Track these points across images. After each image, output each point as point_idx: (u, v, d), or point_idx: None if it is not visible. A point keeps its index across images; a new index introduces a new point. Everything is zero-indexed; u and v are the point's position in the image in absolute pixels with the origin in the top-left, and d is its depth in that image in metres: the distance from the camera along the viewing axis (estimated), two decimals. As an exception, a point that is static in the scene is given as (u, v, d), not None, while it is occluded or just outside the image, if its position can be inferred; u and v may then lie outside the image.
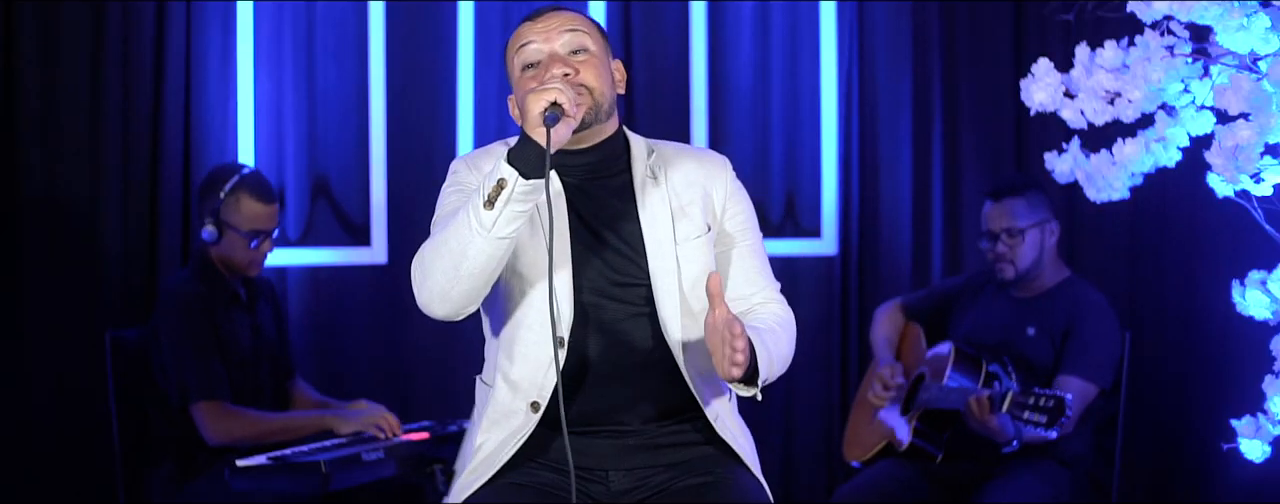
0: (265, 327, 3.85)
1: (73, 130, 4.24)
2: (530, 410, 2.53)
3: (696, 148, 2.75)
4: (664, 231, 2.56)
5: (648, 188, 2.58)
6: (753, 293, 2.64)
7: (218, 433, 3.60)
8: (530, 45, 2.54)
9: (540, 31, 2.54)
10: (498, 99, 4.60)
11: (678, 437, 2.59)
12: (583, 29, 2.55)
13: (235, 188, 3.73)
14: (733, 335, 2.33)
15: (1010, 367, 3.78)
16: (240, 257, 3.74)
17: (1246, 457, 2.98)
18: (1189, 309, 4.54)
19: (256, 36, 4.43)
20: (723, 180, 2.65)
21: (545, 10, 2.58)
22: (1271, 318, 2.91)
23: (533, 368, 2.52)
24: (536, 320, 2.51)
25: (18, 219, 4.20)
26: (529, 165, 2.32)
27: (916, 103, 4.84)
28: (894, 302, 4.26)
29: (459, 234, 2.36)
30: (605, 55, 2.58)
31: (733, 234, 2.64)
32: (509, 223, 2.34)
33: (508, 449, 2.54)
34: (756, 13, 4.79)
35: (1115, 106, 2.96)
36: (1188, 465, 4.56)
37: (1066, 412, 3.46)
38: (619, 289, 2.53)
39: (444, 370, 4.56)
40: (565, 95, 2.35)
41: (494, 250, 2.36)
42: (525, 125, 2.36)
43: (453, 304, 2.42)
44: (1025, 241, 3.88)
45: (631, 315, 2.53)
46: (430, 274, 2.41)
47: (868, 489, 3.84)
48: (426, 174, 4.57)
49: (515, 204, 2.33)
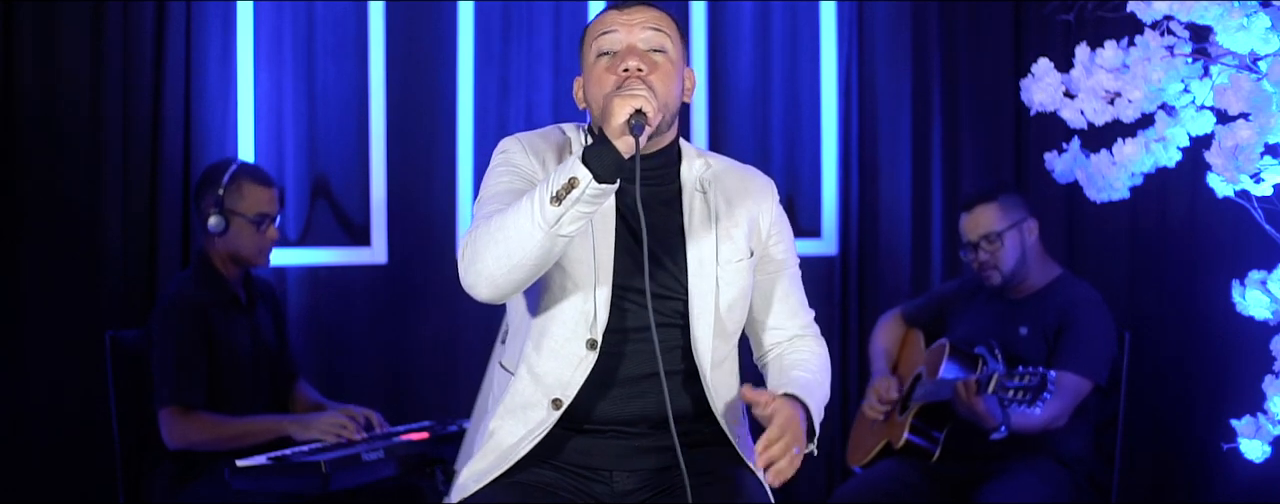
0: (264, 330, 3.86)
1: (73, 130, 4.24)
2: (551, 407, 2.52)
3: (746, 168, 2.72)
4: (707, 251, 2.56)
5: (696, 202, 2.58)
6: (793, 325, 2.69)
7: (175, 437, 3.61)
8: (612, 34, 2.51)
9: (625, 22, 2.51)
10: (498, 99, 4.60)
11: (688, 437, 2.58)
12: (666, 30, 2.53)
13: (235, 176, 3.77)
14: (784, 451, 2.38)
15: (997, 350, 3.79)
16: (249, 245, 3.76)
17: (1246, 457, 2.98)
18: (1189, 309, 4.54)
19: (256, 36, 4.43)
20: (769, 207, 2.65)
21: (636, 2, 2.55)
22: (1271, 318, 2.91)
23: (561, 364, 2.51)
24: (571, 317, 2.51)
25: (18, 219, 4.19)
26: (604, 169, 2.30)
27: (916, 103, 4.84)
28: (894, 311, 4.27)
29: (519, 224, 2.34)
30: (680, 60, 2.55)
31: (778, 260, 2.65)
32: (573, 222, 2.33)
33: (525, 445, 2.53)
34: (756, 13, 4.79)
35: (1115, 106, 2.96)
36: (1188, 465, 4.56)
37: (1048, 387, 3.49)
38: (657, 300, 2.51)
39: (444, 370, 4.56)
40: (651, 104, 2.34)
41: (552, 246, 2.35)
42: (607, 129, 2.33)
43: (498, 289, 2.41)
44: (1005, 245, 3.89)
45: (663, 326, 2.52)
46: (481, 256, 2.38)
47: (867, 489, 3.85)
48: (427, 174, 4.57)
49: (583, 205, 2.32)
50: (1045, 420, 3.70)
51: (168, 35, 4.31)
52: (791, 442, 2.39)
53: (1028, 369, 3.55)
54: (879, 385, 4.02)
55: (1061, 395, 3.70)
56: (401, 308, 4.55)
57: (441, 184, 4.57)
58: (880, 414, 4.00)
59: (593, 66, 2.53)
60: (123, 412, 3.73)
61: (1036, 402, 3.50)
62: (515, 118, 4.60)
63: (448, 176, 4.57)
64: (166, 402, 3.61)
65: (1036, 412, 3.55)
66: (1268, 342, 2.94)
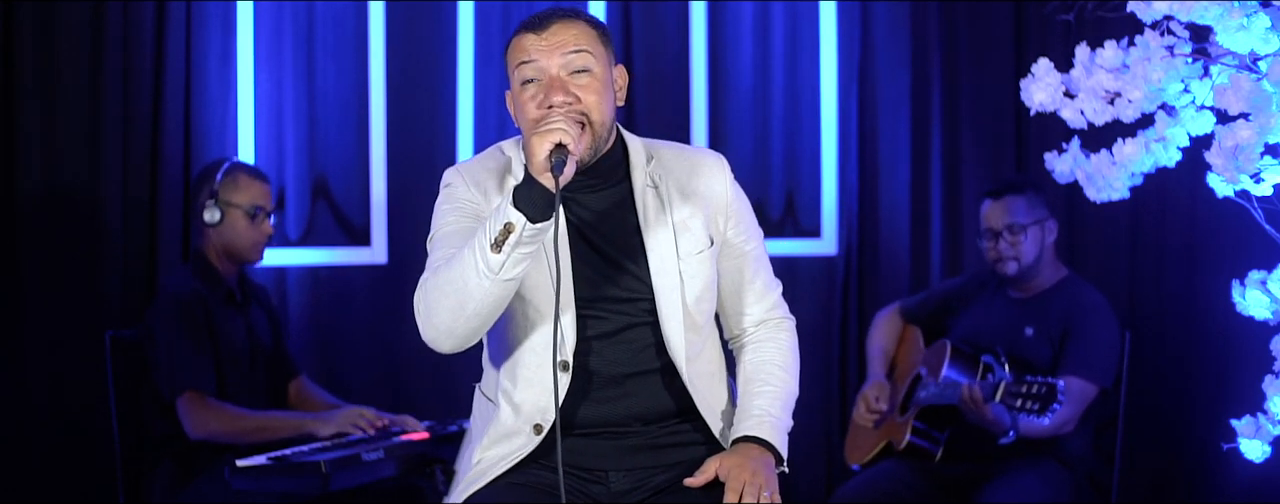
0: (259, 328, 3.87)
1: (73, 130, 4.24)
2: (533, 432, 2.53)
3: (692, 149, 2.70)
4: (666, 246, 2.54)
5: (648, 198, 2.56)
6: (760, 309, 2.67)
7: (197, 425, 3.61)
8: (531, 63, 2.48)
9: (542, 50, 2.47)
10: (498, 99, 4.59)
11: (677, 437, 2.59)
12: (585, 47, 2.48)
13: (230, 170, 3.82)
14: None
15: (1003, 357, 3.79)
16: (244, 237, 3.78)
17: (1246, 457, 2.98)
18: (1189, 309, 4.54)
19: (256, 36, 4.43)
20: (722, 187, 2.62)
21: (549, 20, 2.50)
22: (1271, 318, 2.91)
23: (537, 392, 2.51)
24: (540, 343, 2.50)
25: (18, 218, 4.19)
26: (536, 208, 2.30)
27: (916, 103, 4.84)
28: (892, 306, 4.26)
29: (464, 275, 2.35)
30: (607, 70, 2.51)
31: (736, 243, 2.63)
32: (516, 265, 2.33)
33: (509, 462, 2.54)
34: (756, 13, 4.79)
35: (1115, 106, 2.95)
36: (1188, 465, 4.56)
37: (1058, 397, 3.48)
38: (621, 303, 2.52)
39: (444, 370, 4.53)
40: (569, 134, 2.32)
41: (501, 291, 2.35)
42: (531, 167, 2.32)
43: (458, 339, 2.42)
44: (1027, 238, 3.89)
45: (633, 326, 2.53)
46: (435, 311, 2.40)
47: (867, 489, 3.85)
48: (426, 174, 4.56)
49: (523, 247, 2.32)
50: (1054, 427, 3.69)
51: (168, 35, 4.31)
52: (754, 494, 2.43)
53: (1036, 379, 3.53)
54: (868, 393, 4.02)
55: (1069, 402, 3.69)
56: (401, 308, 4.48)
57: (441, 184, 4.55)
58: (870, 423, 4.00)
59: (518, 91, 2.51)
60: (123, 412, 3.73)
61: (1046, 412, 3.49)
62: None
63: (448, 177, 4.57)
64: (182, 388, 3.62)
65: (1045, 422, 3.54)
66: (1268, 342, 2.94)
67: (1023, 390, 3.53)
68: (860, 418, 4.03)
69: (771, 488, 2.45)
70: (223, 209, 3.77)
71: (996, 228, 3.91)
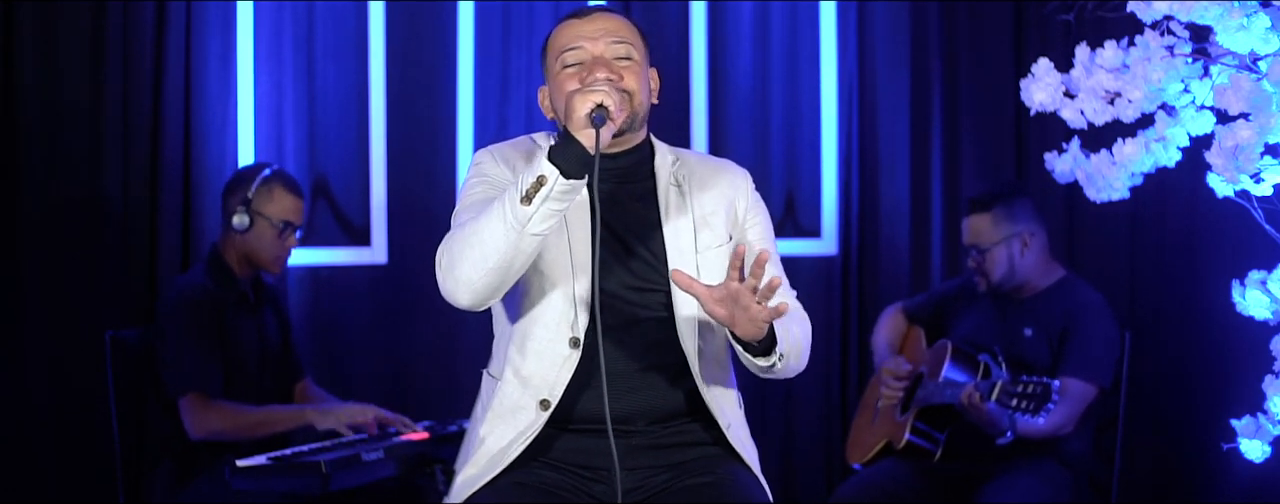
0: (269, 332, 3.87)
1: (73, 130, 4.24)
2: (539, 408, 2.53)
3: (718, 159, 2.77)
4: (686, 240, 2.57)
5: (671, 196, 2.60)
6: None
7: (198, 426, 3.61)
8: (577, 49, 2.54)
9: (589, 35, 2.54)
10: (498, 99, 4.59)
11: (681, 437, 2.59)
12: (629, 39, 2.56)
13: (268, 180, 3.79)
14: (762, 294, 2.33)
15: (1000, 357, 3.80)
16: (267, 249, 3.77)
17: (1246, 457, 2.98)
18: (1189, 309, 4.54)
19: (256, 36, 4.43)
20: (745, 192, 2.68)
21: (594, 11, 2.59)
22: (1271, 318, 2.91)
23: (545, 365, 2.52)
24: (552, 318, 2.52)
25: (18, 218, 4.19)
26: (570, 165, 2.34)
27: (916, 103, 4.84)
28: (896, 306, 4.27)
29: (491, 226, 2.37)
30: (646, 64, 2.59)
31: (753, 244, 2.65)
32: (544, 220, 2.36)
33: (515, 447, 2.53)
34: (756, 13, 4.79)
35: (1115, 106, 2.95)
36: (1188, 465, 4.56)
37: (1053, 397, 3.49)
38: (638, 294, 2.54)
39: (444, 370, 4.56)
40: (611, 98, 2.37)
41: (525, 246, 2.37)
42: (569, 124, 2.36)
43: (477, 294, 2.43)
44: (991, 257, 3.91)
45: (648, 319, 2.54)
46: (457, 263, 2.41)
47: (867, 489, 3.85)
48: (427, 174, 4.57)
49: (553, 202, 2.34)
50: (1051, 428, 3.69)
51: (168, 35, 4.31)
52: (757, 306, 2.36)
53: (1032, 378, 3.54)
54: (890, 365, 4.01)
55: (1068, 402, 3.70)
56: (401, 308, 4.55)
57: (441, 184, 4.57)
58: (896, 394, 3.97)
59: (558, 76, 2.56)
60: (123, 412, 3.73)
61: (1040, 411, 3.50)
62: (515, 118, 4.60)
63: (448, 176, 4.57)
64: (186, 390, 3.62)
65: (1040, 421, 3.55)
66: (1268, 342, 2.94)
67: (1018, 390, 3.54)
68: (887, 391, 3.99)
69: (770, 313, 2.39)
70: (252, 217, 3.75)
71: (967, 244, 3.98)
